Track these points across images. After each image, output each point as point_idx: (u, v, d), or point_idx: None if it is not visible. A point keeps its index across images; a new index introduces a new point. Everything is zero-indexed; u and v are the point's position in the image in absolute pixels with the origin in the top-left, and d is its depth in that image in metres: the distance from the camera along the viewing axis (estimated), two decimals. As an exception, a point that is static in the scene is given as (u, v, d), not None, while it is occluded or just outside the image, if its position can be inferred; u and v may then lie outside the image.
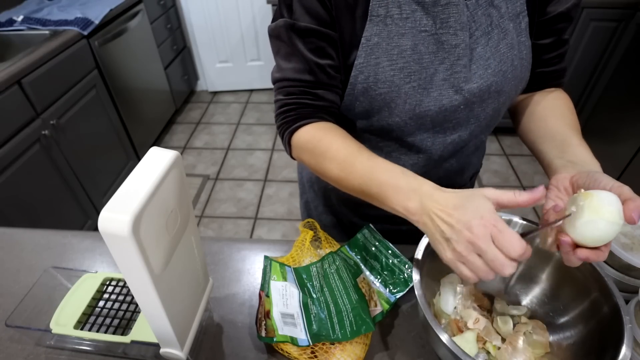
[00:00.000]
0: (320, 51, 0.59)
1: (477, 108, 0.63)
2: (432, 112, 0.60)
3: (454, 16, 0.56)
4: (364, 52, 0.57)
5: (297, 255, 0.72)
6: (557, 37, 0.65)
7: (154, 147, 0.46)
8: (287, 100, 0.63)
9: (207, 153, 2.66)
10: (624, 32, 2.19)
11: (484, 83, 0.60)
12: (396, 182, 0.51)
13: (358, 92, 0.60)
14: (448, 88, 0.59)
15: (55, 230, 0.82)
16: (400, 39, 0.56)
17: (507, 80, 0.61)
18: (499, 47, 0.59)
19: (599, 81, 2.37)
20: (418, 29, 0.56)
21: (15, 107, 1.46)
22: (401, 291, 0.64)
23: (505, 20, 0.59)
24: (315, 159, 0.61)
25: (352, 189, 0.57)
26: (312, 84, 0.61)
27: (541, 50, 0.65)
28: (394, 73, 0.57)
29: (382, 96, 0.59)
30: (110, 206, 0.38)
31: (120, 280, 0.66)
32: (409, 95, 0.59)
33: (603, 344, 0.50)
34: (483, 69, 0.59)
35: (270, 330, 0.57)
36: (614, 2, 2.11)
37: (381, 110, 0.61)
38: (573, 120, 0.64)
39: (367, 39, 0.57)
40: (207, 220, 2.17)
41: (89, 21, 1.83)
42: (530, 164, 2.52)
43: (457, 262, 0.46)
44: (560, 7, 0.61)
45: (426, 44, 0.57)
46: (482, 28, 0.58)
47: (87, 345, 0.61)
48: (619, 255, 0.58)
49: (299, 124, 0.62)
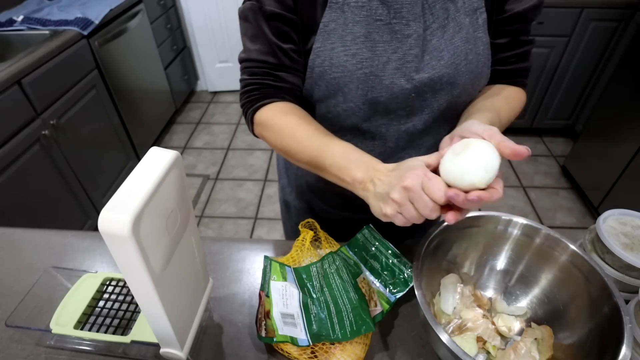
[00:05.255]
0: (284, 35, 0.62)
1: (430, 98, 0.64)
2: (384, 98, 0.62)
3: (406, 7, 0.58)
4: (321, 37, 0.60)
5: (297, 255, 0.72)
6: (513, 37, 0.66)
7: (154, 147, 0.46)
8: (251, 80, 0.66)
9: (207, 153, 2.66)
10: (624, 32, 2.19)
11: (435, 74, 0.61)
12: (348, 156, 0.56)
13: (316, 76, 0.63)
14: (400, 77, 0.61)
15: (55, 230, 0.82)
16: (354, 26, 0.59)
17: (460, 74, 0.62)
18: (454, 40, 0.61)
19: (599, 81, 2.37)
20: (373, 17, 0.58)
21: (15, 107, 1.46)
22: (401, 291, 0.64)
23: (461, 15, 0.60)
24: (274, 136, 0.64)
25: (307, 162, 0.61)
26: (275, 66, 0.64)
27: (498, 48, 0.66)
28: (346, 59, 0.60)
29: (336, 80, 0.62)
30: (110, 206, 0.38)
31: (120, 280, 0.66)
32: (361, 81, 0.61)
33: (603, 344, 0.50)
34: (436, 60, 0.61)
35: (270, 330, 0.57)
36: (614, 2, 2.11)
37: (336, 95, 0.63)
38: (500, 107, 0.64)
39: (325, 25, 0.59)
40: (207, 220, 2.17)
41: (89, 21, 1.83)
42: (530, 164, 2.52)
43: (395, 213, 0.49)
44: (517, 7, 0.62)
45: (380, 33, 0.59)
46: (439, 21, 0.60)
47: (87, 345, 0.61)
48: (619, 255, 0.58)
49: (261, 102, 0.65)
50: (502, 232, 0.63)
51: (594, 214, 2.15)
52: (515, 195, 2.30)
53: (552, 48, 2.29)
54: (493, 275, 0.67)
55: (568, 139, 2.72)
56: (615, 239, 0.60)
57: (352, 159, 0.55)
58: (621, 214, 0.65)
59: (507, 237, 0.64)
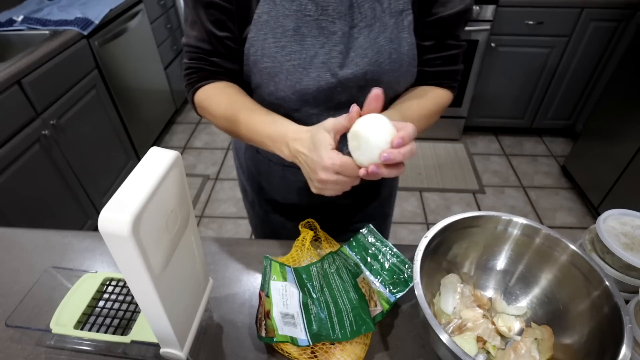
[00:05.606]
0: (220, 24, 0.65)
1: (355, 93, 0.67)
2: (311, 90, 0.65)
3: (332, 5, 0.61)
4: (255, 28, 0.63)
5: (297, 255, 0.72)
6: (439, 40, 0.68)
7: (154, 147, 0.46)
8: (190, 64, 0.70)
9: (207, 153, 2.66)
10: (624, 32, 2.19)
11: (359, 70, 0.64)
12: (269, 132, 0.61)
13: (251, 64, 0.66)
14: (326, 71, 0.64)
15: (55, 230, 0.82)
16: (284, 19, 0.61)
17: (383, 71, 0.65)
18: (378, 39, 0.63)
19: (599, 81, 2.37)
20: (302, 12, 0.61)
21: (15, 107, 1.46)
22: (401, 291, 0.64)
23: (387, 16, 0.63)
24: (211, 116, 0.69)
25: (243, 139, 0.67)
26: (210, 52, 0.68)
27: (424, 50, 0.69)
28: (276, 50, 0.63)
29: (267, 70, 0.64)
30: (110, 206, 0.38)
31: (120, 280, 0.66)
32: (290, 72, 0.64)
33: (603, 344, 0.50)
34: (360, 58, 0.64)
35: (270, 330, 0.57)
36: (614, 2, 2.11)
37: (269, 84, 0.66)
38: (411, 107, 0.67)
39: (259, 16, 0.62)
40: (207, 220, 2.17)
41: (89, 21, 1.83)
42: (530, 164, 2.53)
43: (321, 191, 0.56)
44: (442, 12, 0.65)
45: (309, 28, 0.62)
46: (366, 20, 0.63)
47: (87, 345, 0.61)
48: (619, 255, 0.58)
49: (199, 84, 0.69)
50: (502, 232, 0.63)
51: (594, 214, 2.15)
52: (515, 195, 2.30)
53: (552, 48, 2.29)
54: (493, 275, 0.67)
55: (568, 139, 2.72)
56: (615, 239, 0.60)
57: (272, 135, 0.61)
58: (621, 214, 0.65)
59: (507, 237, 0.64)
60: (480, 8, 2.15)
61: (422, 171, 2.48)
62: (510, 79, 2.44)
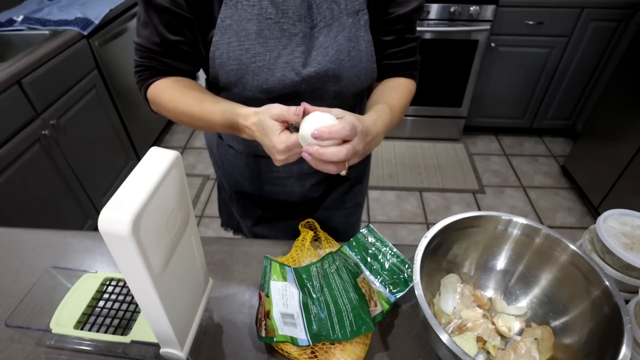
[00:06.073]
0: (173, 28, 0.66)
1: (319, 89, 0.70)
2: (277, 88, 0.68)
3: (292, 8, 0.64)
4: (219, 32, 0.65)
5: (297, 255, 0.72)
6: (398, 35, 0.73)
7: (154, 147, 0.46)
8: (141, 62, 0.71)
9: (207, 153, 2.64)
10: (624, 32, 2.19)
11: (321, 68, 0.67)
12: (222, 122, 0.64)
13: (217, 66, 0.68)
14: (289, 70, 0.66)
15: (55, 230, 0.82)
16: (247, 23, 0.64)
17: (344, 68, 0.68)
18: (338, 38, 0.67)
19: (599, 81, 2.37)
20: (264, 15, 0.64)
21: (15, 107, 1.46)
22: (401, 291, 0.64)
23: (344, 16, 0.67)
24: (165, 110, 0.71)
25: (202, 129, 0.72)
26: (162, 53, 0.69)
27: (385, 45, 0.74)
28: (241, 53, 0.65)
29: (234, 72, 0.67)
30: (110, 206, 0.38)
31: (120, 280, 0.66)
32: (255, 73, 0.66)
33: (603, 344, 0.50)
34: (322, 56, 0.67)
35: (270, 330, 0.57)
36: (614, 2, 2.11)
37: (237, 84, 0.69)
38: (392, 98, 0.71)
39: (222, 20, 0.64)
40: (207, 220, 2.17)
41: (89, 21, 1.83)
42: (530, 164, 2.53)
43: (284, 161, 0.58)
44: (399, 10, 0.70)
45: (271, 30, 0.64)
46: (325, 20, 0.66)
47: (87, 345, 0.61)
48: (619, 255, 0.58)
49: (150, 81, 0.71)
50: (502, 232, 0.63)
51: (594, 214, 2.15)
52: (515, 195, 2.30)
53: (552, 48, 2.29)
54: (493, 275, 0.67)
55: (568, 139, 2.72)
56: (615, 239, 0.60)
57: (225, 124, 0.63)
58: (621, 214, 0.65)
59: (507, 237, 0.64)
60: (480, 8, 2.15)
61: (422, 171, 2.48)
62: (510, 79, 2.44)
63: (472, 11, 2.15)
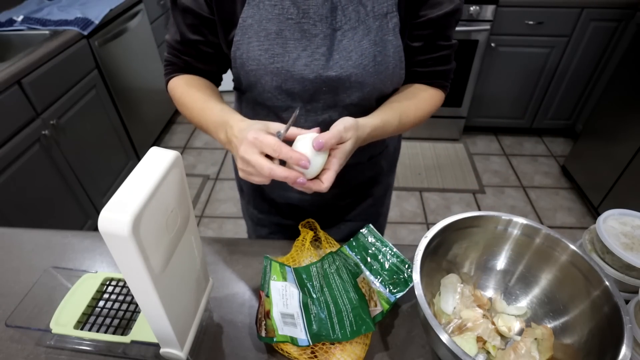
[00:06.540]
0: (194, 28, 0.68)
1: (341, 93, 0.68)
2: (297, 90, 0.67)
3: (313, 8, 0.62)
4: (240, 31, 0.64)
5: (297, 255, 0.72)
6: (428, 41, 0.68)
7: (154, 147, 0.46)
8: (167, 57, 0.75)
9: (207, 153, 2.66)
10: (624, 32, 2.19)
11: (343, 73, 0.65)
12: (214, 119, 0.64)
13: (238, 66, 0.68)
14: (309, 72, 0.65)
15: (55, 230, 0.82)
16: (267, 23, 0.63)
17: (368, 74, 0.65)
18: (362, 42, 0.64)
19: (599, 81, 2.37)
20: (285, 16, 0.63)
21: (15, 107, 1.46)
22: (401, 291, 0.64)
23: (370, 19, 0.63)
24: (178, 105, 0.73)
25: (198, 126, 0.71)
26: (182, 52, 0.72)
27: (414, 51, 0.69)
28: (260, 53, 0.64)
29: (254, 72, 0.67)
30: (110, 206, 0.38)
31: (120, 280, 0.66)
32: (274, 74, 0.66)
33: (603, 344, 0.50)
34: (344, 60, 0.64)
35: (270, 330, 0.57)
36: (614, 2, 2.11)
37: (257, 84, 0.69)
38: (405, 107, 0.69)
39: (244, 20, 0.64)
40: (207, 220, 2.17)
41: (89, 21, 1.83)
42: (530, 164, 2.53)
43: (246, 175, 0.57)
44: (431, 14, 0.65)
45: (292, 31, 0.63)
46: (350, 23, 0.63)
47: (87, 345, 0.61)
48: (619, 255, 0.58)
49: (171, 76, 0.74)
50: (502, 232, 0.63)
51: (594, 214, 2.15)
52: (515, 195, 2.30)
53: (552, 48, 2.29)
54: (493, 275, 0.67)
55: (568, 139, 2.72)
56: (615, 239, 0.60)
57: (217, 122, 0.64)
58: (621, 214, 0.65)
59: (507, 237, 0.64)
60: (480, 8, 2.15)
61: (422, 171, 2.48)
62: (510, 79, 2.44)
63: (472, 11, 2.15)
